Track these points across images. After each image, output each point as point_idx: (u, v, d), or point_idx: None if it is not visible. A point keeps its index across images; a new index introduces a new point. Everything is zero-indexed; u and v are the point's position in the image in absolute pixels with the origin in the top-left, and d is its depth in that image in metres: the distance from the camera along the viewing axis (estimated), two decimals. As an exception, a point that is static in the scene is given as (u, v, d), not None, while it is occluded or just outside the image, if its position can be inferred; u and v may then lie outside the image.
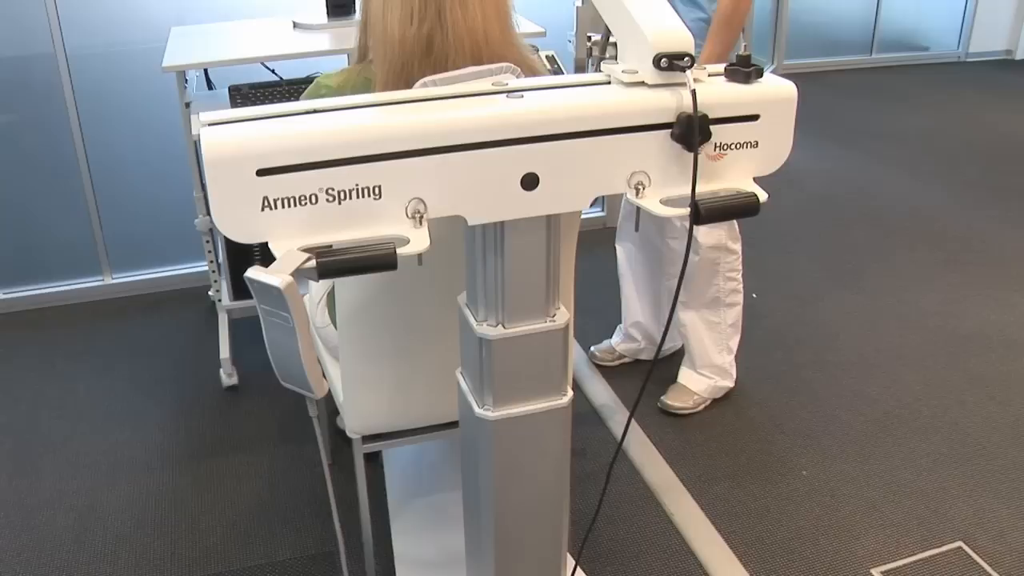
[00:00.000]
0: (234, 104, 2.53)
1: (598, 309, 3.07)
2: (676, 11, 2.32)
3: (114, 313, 3.35)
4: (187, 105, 2.62)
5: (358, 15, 1.66)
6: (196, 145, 2.64)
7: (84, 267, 3.43)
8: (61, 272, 3.42)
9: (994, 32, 6.92)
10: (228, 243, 2.84)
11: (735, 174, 1.25)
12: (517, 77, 1.27)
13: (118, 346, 3.12)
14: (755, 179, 1.26)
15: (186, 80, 2.63)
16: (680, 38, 1.19)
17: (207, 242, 2.92)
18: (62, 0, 3.07)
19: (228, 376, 2.85)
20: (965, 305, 3.28)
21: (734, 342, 2.70)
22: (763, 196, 1.23)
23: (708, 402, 2.71)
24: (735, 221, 2.53)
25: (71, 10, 3.09)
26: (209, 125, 1.10)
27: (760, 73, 1.25)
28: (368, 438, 1.82)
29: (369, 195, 1.10)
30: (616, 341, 2.93)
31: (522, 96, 1.17)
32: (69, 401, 2.82)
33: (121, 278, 3.47)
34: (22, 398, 2.85)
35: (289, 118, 1.12)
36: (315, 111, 1.14)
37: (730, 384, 2.73)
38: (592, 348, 2.96)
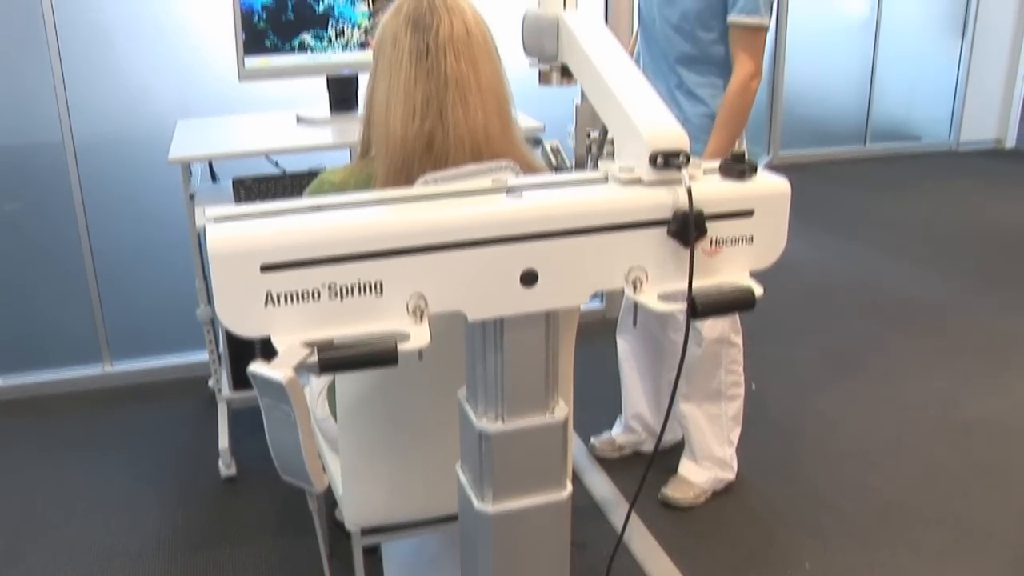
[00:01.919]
0: (237, 196, 2.57)
1: (598, 400, 3.07)
2: (680, 106, 2.38)
3: (113, 401, 3.34)
4: (191, 196, 2.65)
5: (361, 110, 1.70)
6: (199, 236, 2.67)
7: (84, 354, 3.43)
8: (61, 359, 3.42)
9: (984, 122, 7.05)
10: (229, 334, 2.85)
11: (731, 269, 1.27)
12: (517, 175, 1.30)
13: (116, 434, 3.11)
14: (751, 273, 1.28)
15: (190, 172, 2.67)
16: (675, 136, 1.22)
17: (208, 332, 2.93)
18: (72, 89, 3.14)
19: (227, 467, 2.84)
20: (965, 393, 3.28)
21: (735, 434, 2.69)
22: (759, 290, 1.24)
23: (709, 494, 2.69)
24: (737, 316, 2.55)
25: (80, 99, 3.16)
26: (215, 221, 1.12)
27: (754, 169, 1.28)
28: (367, 531, 1.81)
29: (371, 291, 1.12)
30: (616, 433, 2.92)
31: (521, 194, 1.19)
32: (65, 489, 2.80)
33: (121, 366, 3.47)
34: (18, 485, 2.83)
35: (293, 215, 1.14)
36: (318, 208, 1.16)
37: (731, 476, 2.72)
38: (592, 440, 2.95)
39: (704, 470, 2.68)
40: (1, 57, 3.12)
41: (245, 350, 2.81)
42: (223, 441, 2.90)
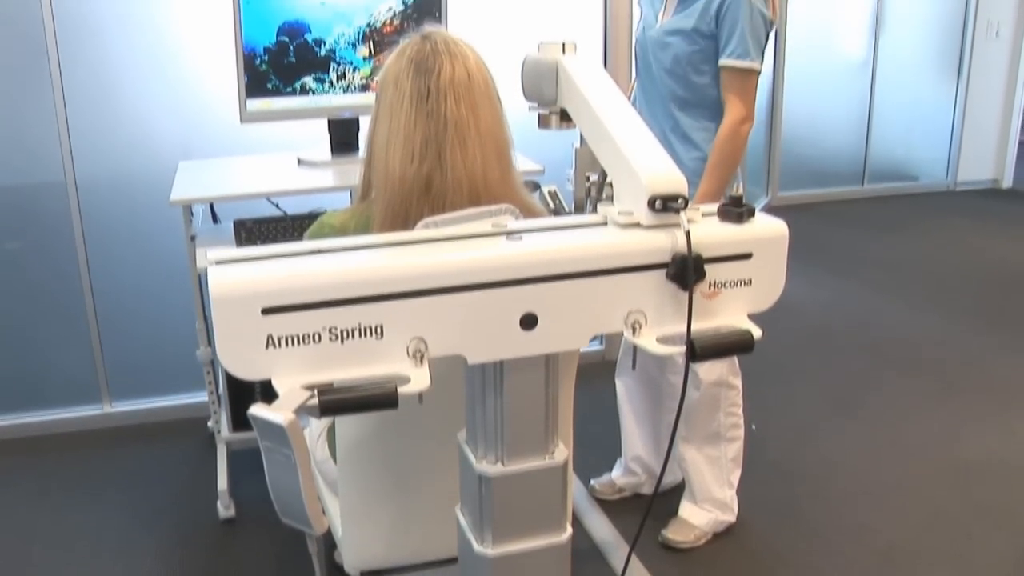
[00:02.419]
0: (239, 238, 2.58)
1: (597, 442, 3.06)
2: (674, 150, 2.40)
3: (112, 442, 3.33)
4: (192, 238, 2.66)
5: (362, 152, 1.72)
6: (200, 277, 2.68)
7: (84, 395, 3.43)
8: (60, 399, 3.42)
9: (981, 162, 7.09)
10: (229, 375, 2.85)
11: (730, 311, 1.27)
12: (516, 218, 1.31)
13: (115, 476, 3.10)
14: (750, 315, 1.29)
15: (192, 213, 2.68)
16: (673, 180, 1.24)
17: (208, 373, 2.93)
18: (75, 129, 3.16)
19: (225, 508, 2.83)
20: (966, 433, 3.28)
21: (735, 476, 2.68)
22: (757, 333, 1.25)
23: (710, 536, 2.68)
24: (736, 358, 2.55)
25: (83, 139, 3.18)
26: (217, 264, 1.13)
27: (752, 213, 1.29)
28: (367, 574, 1.80)
29: (371, 334, 1.12)
30: (616, 475, 2.92)
31: (521, 238, 1.20)
32: (62, 531, 2.79)
33: (120, 407, 3.46)
34: (14, 527, 2.82)
35: (294, 258, 1.15)
36: (319, 251, 1.17)
37: (731, 519, 2.70)
38: (592, 481, 2.94)
39: (704, 512, 2.67)
40: (5, 97, 3.15)
41: (245, 391, 2.81)
42: (222, 482, 2.89)
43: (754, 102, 2.38)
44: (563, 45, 1.50)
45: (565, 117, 1.52)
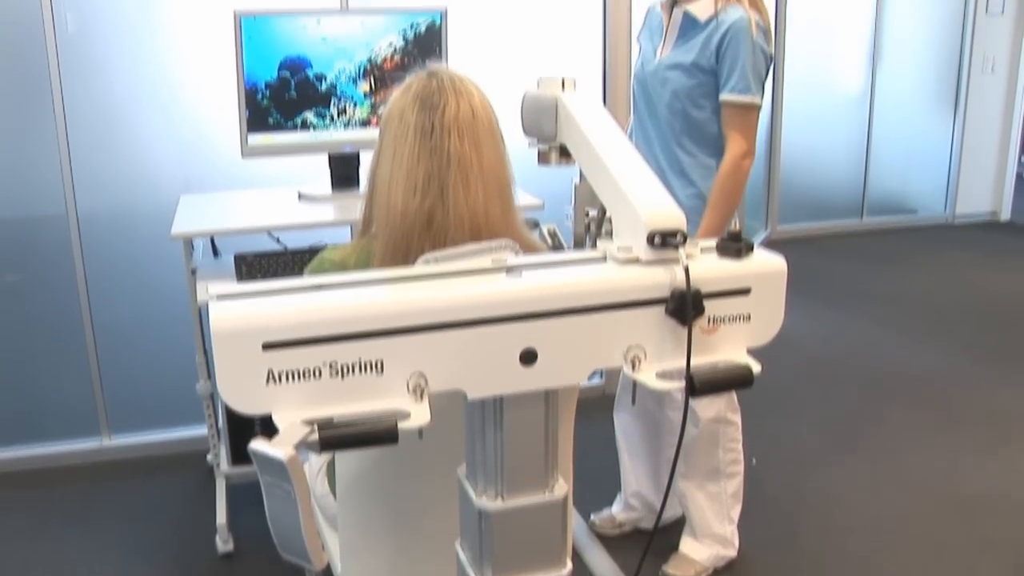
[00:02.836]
0: (239, 272, 2.59)
1: (597, 476, 3.06)
2: (670, 187, 2.40)
3: (111, 475, 3.32)
4: (193, 271, 2.67)
5: (363, 187, 1.72)
6: (200, 311, 2.68)
7: (83, 428, 3.42)
8: (59, 432, 3.41)
9: (979, 195, 7.12)
10: (228, 409, 2.85)
11: (729, 346, 1.28)
12: (516, 254, 1.31)
13: (113, 509, 3.09)
14: (749, 349, 1.29)
15: (193, 247, 2.69)
16: (672, 216, 1.24)
17: (207, 407, 2.92)
18: (77, 162, 3.18)
19: (224, 543, 2.81)
20: (968, 466, 3.27)
21: (735, 511, 2.67)
22: (756, 368, 1.25)
23: (711, 571, 2.67)
24: (734, 392, 2.55)
25: (85, 172, 3.20)
26: (218, 299, 1.13)
27: (751, 248, 1.30)
28: (365, 609, 1.79)
29: (371, 370, 1.12)
30: (616, 510, 2.91)
31: (521, 273, 1.21)
32: (61, 564, 2.77)
33: (120, 440, 3.46)
34: (14, 558, 2.80)
35: (295, 294, 1.15)
36: (320, 287, 1.18)
37: (732, 554, 2.69)
38: (592, 516, 2.93)
39: (705, 547, 2.66)
40: (8, 129, 3.17)
41: (244, 425, 2.81)
42: (221, 516, 2.88)
43: (755, 137, 2.39)
44: (562, 81, 1.52)
45: (564, 153, 1.53)
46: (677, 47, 2.42)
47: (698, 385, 1.20)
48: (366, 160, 1.69)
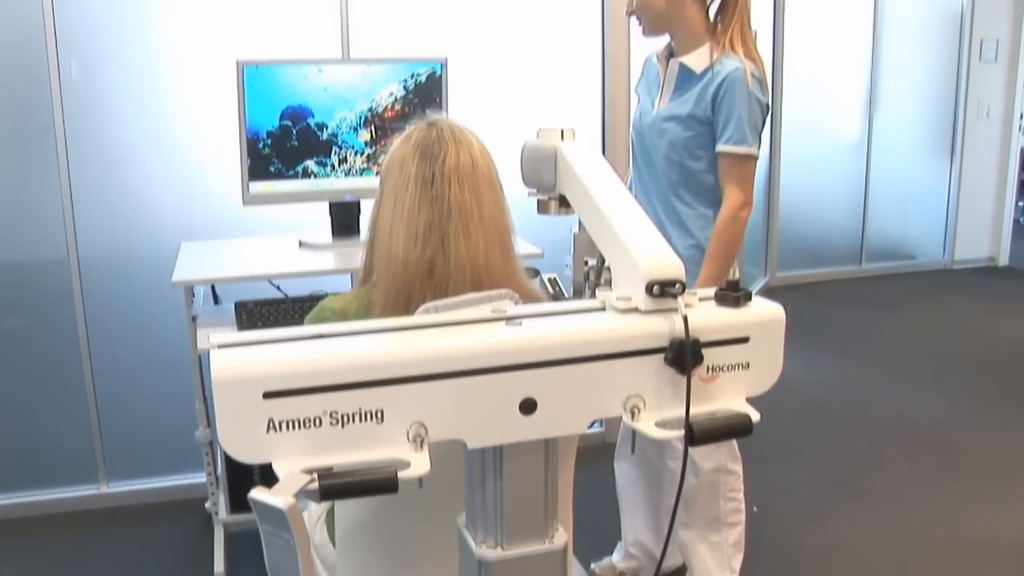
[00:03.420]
0: (239, 319, 2.60)
1: (598, 525, 3.04)
2: (668, 238, 2.39)
3: (107, 522, 3.30)
4: (193, 319, 2.68)
5: (363, 235, 1.74)
6: (200, 358, 2.68)
7: (81, 474, 3.41)
8: (57, 479, 3.39)
9: (977, 240, 7.16)
10: (227, 456, 2.84)
11: (728, 395, 1.28)
12: (516, 303, 1.32)
13: (110, 556, 3.06)
14: (748, 398, 1.30)
15: (193, 294, 2.70)
16: (671, 266, 1.25)
17: (206, 454, 2.92)
18: (79, 208, 3.20)
19: (221, 591, 2.80)
20: (970, 514, 3.25)
21: (737, 561, 2.65)
22: (756, 416, 1.26)
23: (712, 619, 2.64)
24: (735, 441, 2.54)
25: (87, 218, 3.22)
26: (219, 347, 1.14)
27: (749, 297, 1.30)
28: (363, 660, 1.78)
29: (371, 419, 1.13)
30: (617, 559, 2.89)
31: (520, 323, 1.21)
32: (56, 617, 2.76)
33: (117, 487, 3.44)
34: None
35: (296, 342, 1.16)
36: (320, 336, 1.19)
37: (734, 602, 2.67)
38: (592, 565, 2.91)
39: (707, 596, 2.64)
40: (12, 175, 3.20)
41: (243, 473, 2.79)
42: (219, 565, 2.86)
43: (752, 188, 2.39)
44: (562, 132, 1.54)
45: (564, 203, 1.54)
46: (674, 99, 2.42)
47: (697, 434, 1.20)
48: (366, 208, 1.70)
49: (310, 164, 2.82)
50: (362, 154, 2.86)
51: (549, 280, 1.84)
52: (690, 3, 2.38)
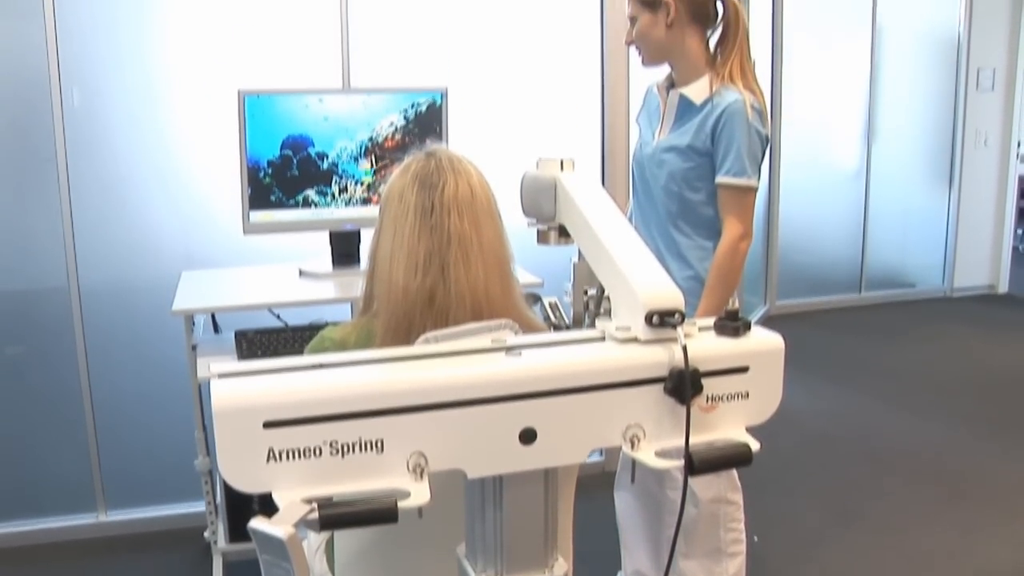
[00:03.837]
0: (239, 348, 2.60)
1: (598, 554, 3.02)
2: (668, 269, 2.37)
3: (106, 551, 3.29)
4: (194, 347, 2.68)
5: (363, 264, 1.74)
6: (200, 387, 2.68)
7: (79, 503, 3.39)
8: (54, 507, 3.38)
9: (976, 268, 7.17)
10: (226, 485, 2.83)
11: (728, 424, 1.28)
12: (516, 333, 1.32)
13: (107, 588, 3.06)
14: (748, 427, 1.30)
15: (193, 323, 2.70)
16: (670, 295, 1.26)
17: (206, 483, 2.91)
18: (80, 237, 3.21)
19: (219, 622, 2.78)
20: (973, 543, 3.24)
21: (738, 590, 2.64)
22: (755, 446, 1.26)
23: (713, 650, 2.63)
24: (735, 471, 2.53)
25: (88, 246, 3.23)
26: (219, 377, 1.14)
27: (748, 326, 1.31)
28: None
29: (371, 449, 1.13)
30: (617, 587, 2.87)
31: (520, 353, 1.22)
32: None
33: (116, 516, 3.43)
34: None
35: (296, 372, 1.16)
36: (321, 366, 1.19)
37: (735, 633, 2.65)
38: (592, 592, 2.90)
39: (707, 626, 2.62)
40: (14, 203, 3.21)
41: (242, 502, 2.79)
42: (217, 595, 2.85)
43: (752, 219, 2.38)
44: (561, 162, 1.54)
45: (563, 233, 1.55)
46: (674, 130, 2.43)
47: (697, 464, 1.20)
48: (367, 237, 1.71)
49: (311, 193, 2.83)
50: (362, 183, 2.87)
51: (551, 305, 1.85)
52: (689, 34, 2.39)
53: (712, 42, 2.42)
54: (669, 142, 2.43)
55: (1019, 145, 7.10)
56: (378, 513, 1.10)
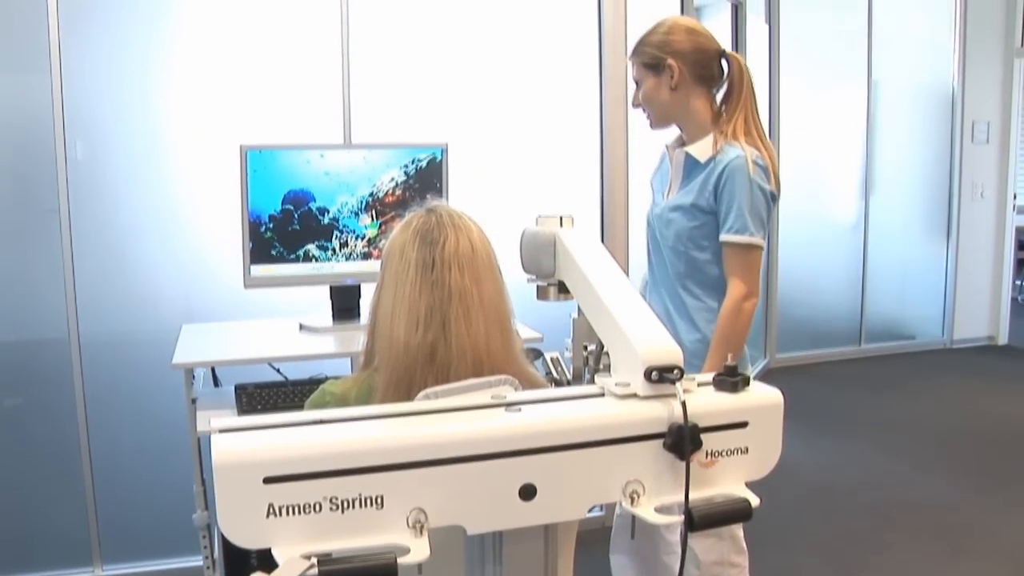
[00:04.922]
0: (239, 402, 2.59)
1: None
2: (676, 331, 2.35)
3: (101, 609, 3.26)
4: (193, 401, 2.67)
5: (364, 319, 1.75)
6: (199, 441, 2.67)
7: (75, 557, 3.36)
8: (50, 561, 3.34)
9: (975, 319, 7.19)
10: (225, 540, 2.81)
11: (727, 479, 1.29)
12: (516, 389, 1.33)
13: (102, 645, 3.02)
14: (748, 482, 1.30)
15: (193, 376, 2.70)
16: (669, 352, 1.27)
17: (203, 537, 2.89)
18: (81, 289, 3.22)
19: None
20: (974, 600, 3.21)
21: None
22: (755, 501, 1.26)
23: None
24: (740, 535, 2.48)
25: (88, 299, 3.23)
26: (220, 432, 1.15)
27: (747, 382, 1.32)
28: None
29: (371, 504, 1.13)
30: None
31: (520, 409, 1.22)
32: None
33: (111, 570, 3.40)
34: None
35: (296, 428, 1.17)
36: (321, 422, 1.19)
37: None
38: (593, 649, 2.86)
39: None
40: (15, 254, 3.22)
41: (240, 557, 2.76)
42: (213, 652, 2.82)
43: (757, 278, 2.32)
44: (560, 219, 1.56)
45: (563, 289, 1.56)
46: (681, 189, 2.40)
47: (697, 520, 1.21)
48: (367, 292, 1.72)
49: (311, 248, 2.85)
50: (363, 238, 2.89)
51: (552, 359, 1.85)
52: (695, 95, 2.38)
53: (719, 99, 2.41)
54: (676, 201, 2.40)
55: (1015, 197, 7.16)
56: (377, 569, 1.10)
